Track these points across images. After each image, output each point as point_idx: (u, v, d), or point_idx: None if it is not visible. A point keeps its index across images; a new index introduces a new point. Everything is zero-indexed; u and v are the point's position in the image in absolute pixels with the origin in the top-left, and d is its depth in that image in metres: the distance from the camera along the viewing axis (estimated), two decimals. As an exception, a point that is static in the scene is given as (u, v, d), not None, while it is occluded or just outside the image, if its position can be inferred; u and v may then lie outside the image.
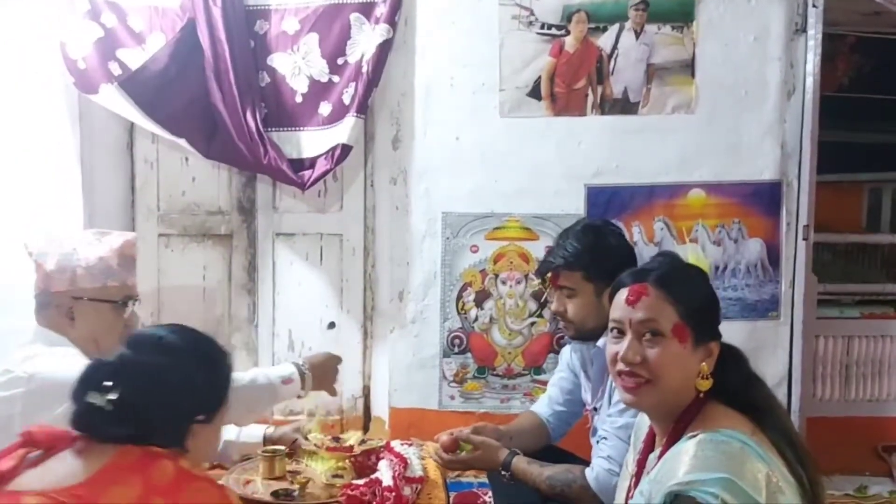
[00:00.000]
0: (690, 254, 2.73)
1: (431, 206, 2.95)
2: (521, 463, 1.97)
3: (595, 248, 1.96)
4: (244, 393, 1.73)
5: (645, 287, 1.39)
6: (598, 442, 2.00)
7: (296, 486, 1.78)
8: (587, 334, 1.95)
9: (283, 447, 1.94)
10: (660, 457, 1.37)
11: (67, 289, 1.71)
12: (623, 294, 1.42)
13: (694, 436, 1.28)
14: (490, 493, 2.58)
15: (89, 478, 1.13)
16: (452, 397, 2.98)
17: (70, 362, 1.60)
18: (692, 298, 1.37)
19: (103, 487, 1.12)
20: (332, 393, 2.10)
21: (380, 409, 3.10)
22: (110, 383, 1.19)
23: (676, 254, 1.57)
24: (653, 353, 1.35)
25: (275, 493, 1.75)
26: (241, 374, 1.76)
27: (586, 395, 2.11)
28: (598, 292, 1.93)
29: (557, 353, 2.73)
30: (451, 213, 2.93)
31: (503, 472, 2.00)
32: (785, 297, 2.95)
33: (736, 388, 1.35)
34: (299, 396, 1.92)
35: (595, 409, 2.03)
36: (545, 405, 2.27)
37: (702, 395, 1.35)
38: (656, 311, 1.36)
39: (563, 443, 2.25)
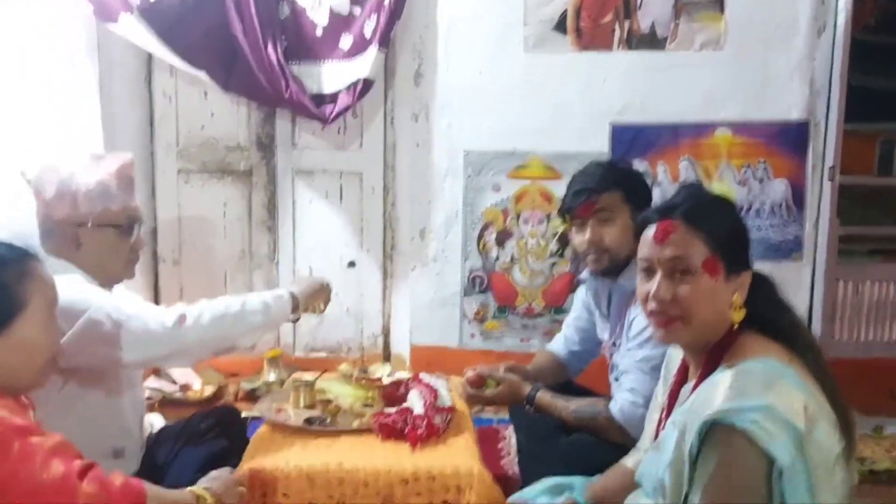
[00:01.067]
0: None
1: (453, 143, 2.90)
2: (545, 397, 2.00)
3: (628, 171, 1.98)
4: (237, 315, 1.73)
5: (671, 223, 1.35)
6: (616, 379, 2.01)
7: (327, 415, 1.81)
8: (618, 265, 1.93)
9: (312, 377, 1.96)
10: (694, 388, 1.37)
11: (69, 215, 1.69)
12: (650, 231, 1.38)
13: (730, 366, 1.28)
14: (509, 430, 2.62)
15: None
16: (472, 336, 3.00)
17: (76, 288, 1.61)
18: (721, 230, 1.34)
19: None
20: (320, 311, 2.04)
21: (399, 347, 3.12)
22: None
23: (701, 184, 1.54)
24: (684, 290, 1.33)
25: (308, 420, 1.78)
26: (235, 297, 1.76)
27: (603, 333, 2.12)
28: (634, 217, 1.92)
29: (577, 293, 2.73)
30: (473, 151, 2.89)
31: (527, 406, 2.03)
32: (808, 238, 2.93)
33: (769, 316, 1.34)
34: (291, 320, 1.87)
35: (614, 344, 2.04)
36: (561, 345, 2.28)
37: (735, 326, 1.35)
38: (685, 247, 1.33)
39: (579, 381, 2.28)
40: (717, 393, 1.25)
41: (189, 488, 1.41)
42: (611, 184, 1.92)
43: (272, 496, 1.54)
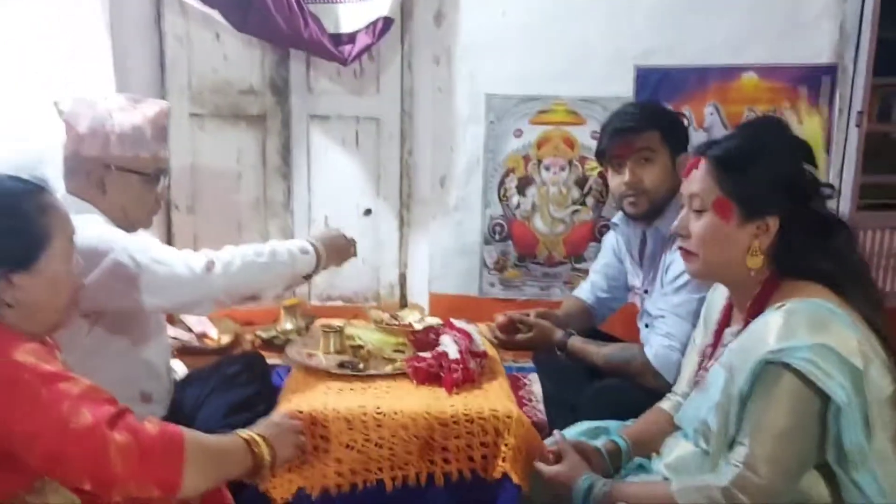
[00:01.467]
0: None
1: (475, 87, 2.82)
2: (577, 342, 1.99)
3: (668, 112, 1.94)
4: (266, 265, 1.69)
5: (697, 160, 1.38)
6: (647, 326, 1.99)
7: (359, 360, 1.79)
8: (656, 208, 1.90)
9: (340, 323, 1.94)
10: (741, 330, 1.36)
11: (99, 154, 1.65)
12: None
13: (780, 306, 1.27)
14: (530, 377, 2.62)
15: None
16: (493, 284, 2.97)
17: (99, 229, 1.58)
18: (748, 175, 1.32)
19: None
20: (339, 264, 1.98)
21: (416, 296, 3.08)
22: None
23: (776, 122, 1.50)
24: (695, 226, 1.37)
25: (341, 365, 1.75)
26: (262, 245, 1.72)
27: (634, 279, 2.09)
28: (672, 159, 1.88)
29: (599, 241, 2.69)
30: (496, 96, 2.82)
31: (559, 352, 2.01)
32: (833, 185, 2.89)
33: (810, 262, 1.32)
34: (308, 276, 1.81)
35: (646, 291, 2.02)
36: (588, 291, 2.26)
37: (775, 270, 1.33)
38: (700, 185, 1.36)
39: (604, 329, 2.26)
40: (768, 333, 1.24)
41: (239, 432, 1.33)
42: (650, 123, 1.88)
43: (310, 438, 1.53)
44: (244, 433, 1.33)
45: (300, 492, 1.53)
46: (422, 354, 1.75)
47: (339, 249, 1.90)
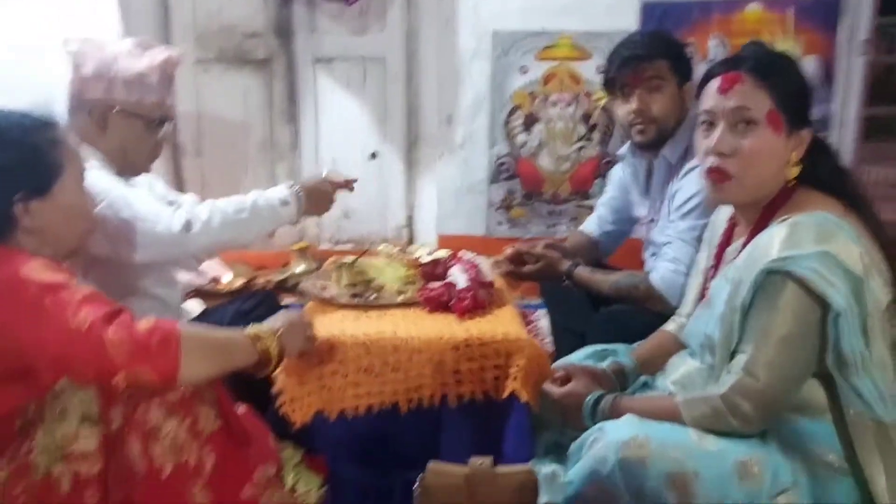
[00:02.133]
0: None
1: (480, 23, 2.82)
2: (583, 272, 2.02)
3: (675, 41, 1.95)
4: (246, 222, 1.70)
5: (739, 75, 1.34)
6: (653, 255, 2.03)
7: (372, 291, 1.83)
8: (664, 136, 1.93)
9: (352, 258, 1.98)
10: (745, 244, 1.39)
11: (102, 97, 1.66)
12: (715, 83, 1.37)
13: (784, 220, 1.29)
14: (537, 314, 2.67)
15: None
16: (499, 223, 3.01)
17: (91, 177, 1.54)
18: (786, 85, 1.34)
19: None
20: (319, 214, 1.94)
21: (425, 237, 3.13)
22: None
23: (766, 42, 1.51)
24: (746, 142, 1.33)
25: (354, 296, 1.80)
26: (243, 199, 1.71)
27: (640, 210, 2.12)
28: (680, 87, 1.90)
29: (604, 178, 2.71)
30: (501, 31, 2.81)
31: (565, 281, 2.05)
32: (836, 116, 2.89)
33: (825, 175, 1.35)
34: (292, 222, 1.82)
35: (652, 220, 2.05)
36: (595, 225, 2.29)
37: (790, 183, 1.35)
38: (750, 98, 1.33)
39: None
40: (772, 244, 1.27)
41: (253, 328, 1.36)
42: (659, 52, 1.89)
43: (329, 363, 1.58)
44: (251, 330, 1.37)
45: (318, 415, 1.59)
46: (432, 285, 1.79)
47: (319, 199, 1.85)
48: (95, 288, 1.23)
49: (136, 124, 1.70)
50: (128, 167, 1.74)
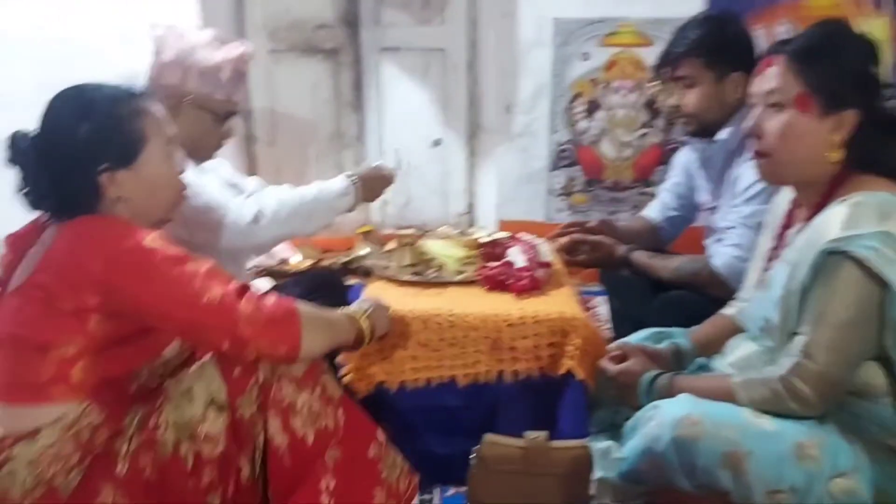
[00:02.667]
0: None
1: (541, 11, 2.83)
2: (642, 257, 2.01)
3: (714, 34, 1.91)
4: (310, 212, 1.78)
5: (772, 58, 1.37)
6: (716, 240, 2.01)
7: (432, 270, 1.89)
8: (708, 128, 1.92)
9: (414, 238, 2.04)
10: (804, 228, 1.38)
11: (175, 85, 1.72)
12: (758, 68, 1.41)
13: (845, 200, 1.28)
14: (596, 300, 2.67)
15: (38, 263, 1.22)
16: (560, 210, 3.02)
17: None
18: (828, 67, 1.32)
19: (48, 266, 1.21)
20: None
21: (485, 224, 3.15)
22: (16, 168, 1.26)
23: (841, 22, 1.48)
24: (772, 124, 1.35)
25: (414, 274, 1.86)
26: (307, 190, 1.79)
27: (703, 196, 2.10)
28: (718, 81, 1.89)
29: (667, 165, 2.69)
30: (562, 19, 2.82)
31: (624, 268, 2.04)
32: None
33: (879, 157, 1.32)
34: (349, 210, 1.88)
35: (713, 208, 2.03)
36: (657, 210, 2.26)
37: (845, 165, 1.33)
38: (779, 81, 1.34)
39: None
40: (831, 225, 1.26)
41: (344, 310, 1.47)
42: (692, 50, 1.88)
43: (389, 336, 1.64)
44: (351, 310, 1.47)
45: (380, 386, 1.66)
46: (491, 264, 1.83)
47: (374, 186, 1.91)
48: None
49: (205, 116, 1.77)
50: (193, 154, 1.80)
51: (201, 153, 1.84)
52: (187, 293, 1.20)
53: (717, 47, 1.90)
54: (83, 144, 1.24)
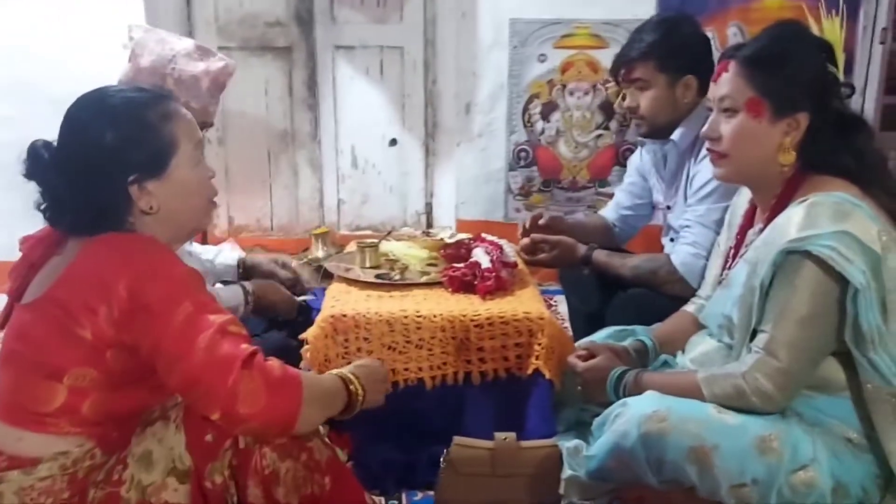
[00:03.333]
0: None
1: (499, 12, 2.85)
2: (601, 256, 2.02)
3: (668, 37, 1.94)
4: None
5: (726, 64, 1.40)
6: (671, 240, 2.05)
7: (396, 272, 1.87)
8: (660, 131, 1.96)
9: (376, 239, 2.02)
10: (764, 227, 1.41)
11: None
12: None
13: (803, 201, 1.31)
14: (556, 299, 2.70)
15: (58, 278, 1.14)
16: (518, 210, 3.04)
17: None
18: (778, 72, 1.35)
19: (70, 283, 1.13)
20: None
21: (443, 223, 3.15)
22: (35, 181, 1.17)
23: (795, 25, 1.52)
24: (726, 128, 1.39)
25: (378, 277, 1.84)
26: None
27: (658, 196, 2.14)
28: (671, 84, 1.93)
29: (623, 165, 2.74)
30: (519, 20, 2.84)
31: (584, 266, 2.06)
32: (855, 105, 2.89)
33: (830, 158, 1.35)
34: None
35: (668, 207, 2.07)
36: (612, 210, 2.29)
37: (801, 166, 1.37)
38: (731, 87, 1.38)
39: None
40: (790, 225, 1.29)
41: (336, 372, 1.31)
42: (645, 54, 1.91)
43: (354, 340, 1.62)
44: (341, 373, 1.30)
45: (346, 390, 1.63)
46: (456, 265, 1.82)
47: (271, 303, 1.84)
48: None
49: None
50: None
51: None
52: (199, 344, 1.09)
53: (670, 51, 1.93)
54: (110, 154, 1.15)
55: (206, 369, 1.09)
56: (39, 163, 1.16)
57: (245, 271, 1.98)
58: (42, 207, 1.19)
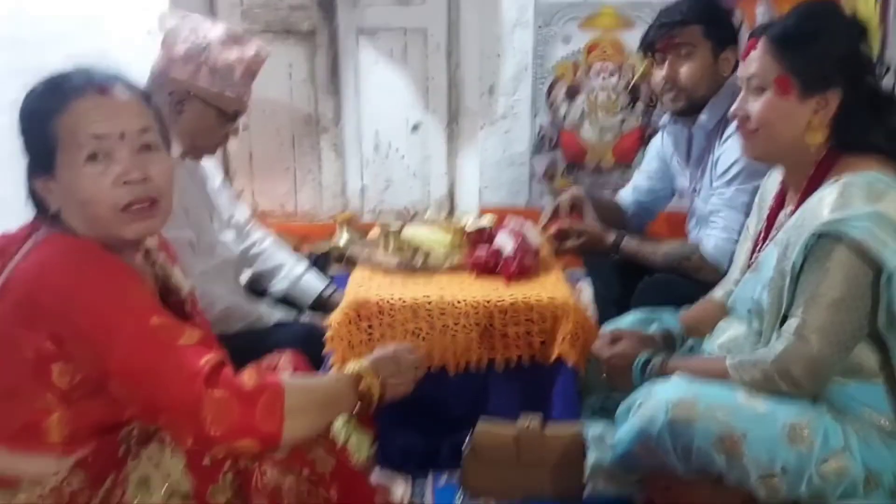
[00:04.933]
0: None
1: (523, -9, 2.81)
2: (631, 243, 1.99)
3: (713, 6, 1.93)
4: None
5: (755, 42, 1.38)
6: (696, 224, 2.02)
7: (419, 257, 1.86)
8: (693, 106, 1.92)
9: (398, 225, 2.01)
10: (795, 209, 1.38)
11: (186, 81, 1.68)
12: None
13: (836, 180, 1.29)
14: (580, 283, 2.67)
15: (3, 285, 1.07)
16: (542, 194, 3.01)
17: None
18: (806, 50, 1.33)
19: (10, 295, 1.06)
20: None
21: (466, 208, 3.13)
22: None
23: (827, 2, 1.48)
24: (755, 105, 1.37)
25: (401, 262, 1.83)
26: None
27: (682, 180, 2.10)
28: (715, 54, 1.88)
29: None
30: (543, 1, 2.80)
31: (613, 254, 2.03)
32: (886, 83, 2.82)
33: (863, 137, 1.33)
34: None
35: (695, 190, 2.03)
36: (628, 192, 2.26)
37: (833, 146, 1.34)
38: (760, 65, 1.36)
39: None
40: (823, 206, 1.27)
41: (352, 367, 1.22)
42: (692, 17, 1.88)
43: (378, 326, 1.62)
44: (355, 367, 1.23)
45: (370, 376, 1.63)
46: (479, 250, 1.81)
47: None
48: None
49: (211, 114, 1.72)
50: (194, 150, 1.78)
51: (203, 149, 1.81)
52: (148, 367, 1.01)
53: (717, 18, 1.92)
54: (23, 144, 1.10)
55: (165, 396, 1.01)
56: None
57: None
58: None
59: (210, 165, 1.97)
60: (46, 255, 1.07)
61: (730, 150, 1.84)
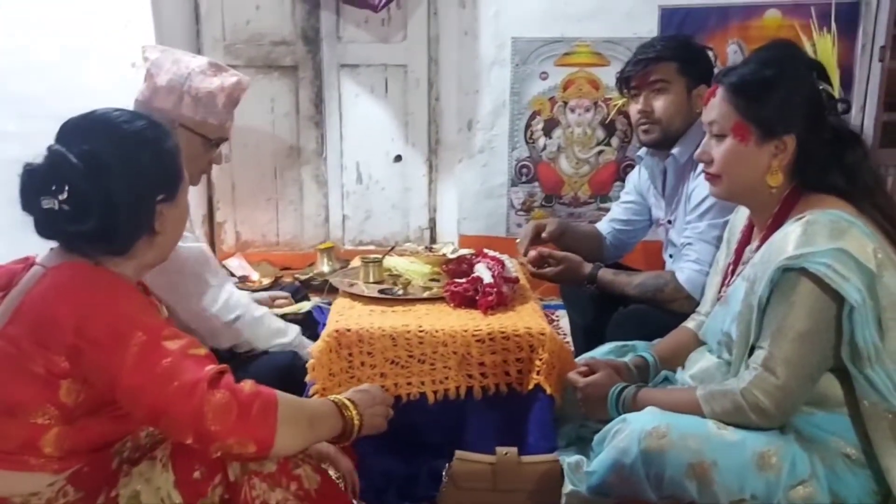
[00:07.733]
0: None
1: (500, 30, 2.88)
2: (607, 274, 2.02)
3: (687, 45, 1.99)
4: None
5: (715, 88, 1.44)
6: (671, 255, 2.07)
7: (399, 287, 1.89)
8: (668, 140, 1.98)
9: (379, 256, 2.04)
10: (760, 244, 1.43)
11: (170, 110, 1.71)
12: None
13: (800, 218, 1.33)
14: (557, 313, 2.71)
15: (11, 315, 1.14)
16: (519, 225, 3.05)
17: None
18: (764, 98, 1.37)
19: (21, 319, 1.13)
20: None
21: (446, 239, 3.19)
22: (55, 185, 1.13)
23: (788, 45, 1.53)
24: (717, 151, 1.43)
25: (381, 291, 1.86)
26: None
27: (658, 212, 2.15)
28: (689, 90, 1.95)
29: (623, 181, 2.75)
30: (521, 38, 2.88)
31: (588, 285, 2.07)
32: (854, 122, 2.91)
33: (829, 177, 1.37)
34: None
35: (669, 222, 2.08)
36: (606, 223, 2.31)
37: (795, 185, 1.39)
38: (718, 112, 1.42)
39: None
40: (787, 242, 1.30)
41: (332, 397, 1.29)
42: (667, 54, 1.94)
43: (358, 355, 1.64)
44: (336, 398, 1.29)
45: (349, 405, 1.65)
46: (458, 280, 1.84)
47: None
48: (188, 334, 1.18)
49: (195, 141, 1.74)
50: None
51: (189, 177, 1.81)
52: (158, 373, 1.08)
53: (691, 57, 1.98)
54: (147, 171, 1.19)
55: (171, 398, 1.08)
56: (68, 168, 1.13)
57: None
58: (56, 212, 1.14)
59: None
60: (64, 279, 1.15)
61: (702, 184, 1.87)
